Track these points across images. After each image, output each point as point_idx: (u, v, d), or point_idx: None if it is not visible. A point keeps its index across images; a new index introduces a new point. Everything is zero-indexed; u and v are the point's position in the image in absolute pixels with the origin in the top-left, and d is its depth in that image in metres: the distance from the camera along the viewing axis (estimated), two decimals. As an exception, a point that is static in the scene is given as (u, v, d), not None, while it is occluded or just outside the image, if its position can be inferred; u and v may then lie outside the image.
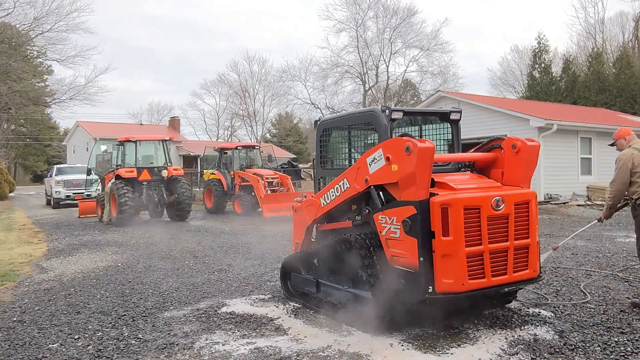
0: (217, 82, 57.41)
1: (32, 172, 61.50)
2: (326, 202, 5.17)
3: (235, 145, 18.82)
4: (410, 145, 4.09)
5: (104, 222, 14.71)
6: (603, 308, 5.19)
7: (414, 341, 4.35)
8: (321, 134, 5.66)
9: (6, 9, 28.58)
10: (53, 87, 38.30)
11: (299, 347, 4.31)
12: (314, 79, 46.84)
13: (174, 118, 48.46)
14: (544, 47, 34.94)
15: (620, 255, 8.04)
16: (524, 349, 4.11)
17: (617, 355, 3.96)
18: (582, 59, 37.30)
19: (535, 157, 4.64)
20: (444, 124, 5.37)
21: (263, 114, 54.38)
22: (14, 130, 48.14)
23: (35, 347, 4.54)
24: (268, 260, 8.40)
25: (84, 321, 5.27)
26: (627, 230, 11.08)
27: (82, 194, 20.82)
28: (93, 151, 18.09)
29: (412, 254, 4.15)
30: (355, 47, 42.13)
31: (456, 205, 4.06)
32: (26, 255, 9.56)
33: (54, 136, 59.54)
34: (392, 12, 41.04)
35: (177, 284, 6.82)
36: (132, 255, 9.34)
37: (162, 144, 15.67)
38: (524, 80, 41.50)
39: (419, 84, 44.37)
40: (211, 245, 10.32)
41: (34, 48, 33.57)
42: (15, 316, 5.54)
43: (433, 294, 4.11)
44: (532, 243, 4.43)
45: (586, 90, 30.86)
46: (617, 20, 41.44)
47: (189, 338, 4.65)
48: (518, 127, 16.64)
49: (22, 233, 13.21)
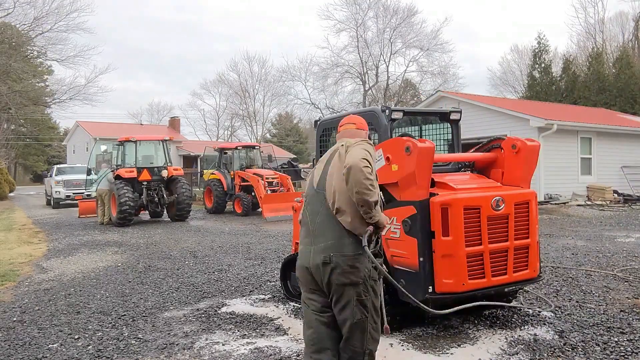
0: (217, 82, 57.48)
1: (32, 172, 61.52)
2: (326, 202, 5.16)
3: (235, 145, 18.83)
4: (410, 145, 4.09)
5: (104, 223, 14.69)
6: (603, 308, 5.18)
7: (414, 341, 4.35)
8: (321, 134, 5.66)
9: (6, 9, 28.62)
10: (53, 87, 38.36)
11: (299, 347, 4.31)
12: (314, 79, 46.95)
13: (174, 118, 48.50)
14: (544, 47, 34.93)
15: (620, 255, 8.03)
16: (524, 349, 4.11)
17: (617, 355, 3.96)
18: (582, 59, 37.29)
19: (535, 157, 4.64)
20: (444, 124, 5.38)
21: (263, 114, 54.43)
22: (14, 130, 48.14)
23: (35, 347, 4.54)
24: (268, 260, 8.40)
25: (84, 321, 5.27)
26: (627, 230, 11.08)
27: (82, 194, 20.82)
28: (93, 151, 18.12)
29: (412, 254, 4.15)
30: (355, 47, 42.16)
31: (456, 205, 4.06)
32: (26, 255, 9.56)
33: (54, 136, 59.54)
34: (392, 12, 41.09)
35: (177, 284, 6.82)
36: (132, 255, 9.34)
37: (162, 144, 15.68)
38: (524, 80, 41.50)
39: (419, 84, 44.41)
40: (211, 245, 10.32)
41: (34, 48, 33.59)
42: (15, 316, 5.54)
43: (433, 294, 4.11)
44: (532, 243, 4.43)
45: (586, 90, 30.85)
46: (617, 20, 41.52)
47: (189, 338, 4.65)
48: (518, 127, 16.64)
49: (22, 233, 13.21)
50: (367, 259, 2.82)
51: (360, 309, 2.84)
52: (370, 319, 2.89)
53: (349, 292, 2.83)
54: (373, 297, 2.90)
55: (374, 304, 2.91)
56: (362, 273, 2.82)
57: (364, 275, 2.83)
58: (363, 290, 2.84)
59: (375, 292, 2.91)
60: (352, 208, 2.84)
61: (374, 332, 2.91)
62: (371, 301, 2.89)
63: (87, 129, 39.98)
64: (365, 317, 2.86)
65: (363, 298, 2.84)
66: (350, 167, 2.74)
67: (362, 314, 2.85)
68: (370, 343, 2.90)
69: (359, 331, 2.86)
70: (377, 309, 2.92)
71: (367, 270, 2.84)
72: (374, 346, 2.93)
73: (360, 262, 2.83)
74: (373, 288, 2.90)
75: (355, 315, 2.84)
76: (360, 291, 2.83)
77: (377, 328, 2.93)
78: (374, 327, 2.91)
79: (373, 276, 2.89)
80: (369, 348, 2.90)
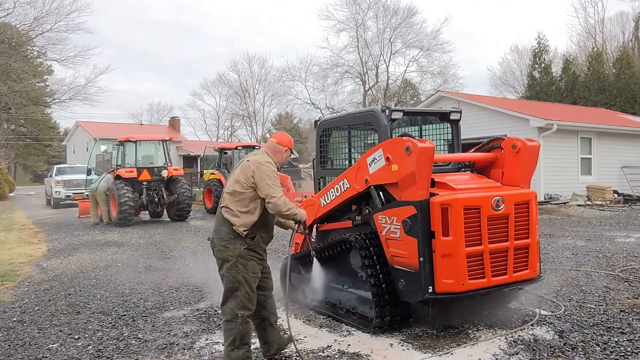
0: (217, 82, 57.35)
1: (32, 172, 61.50)
2: (326, 202, 5.17)
3: (235, 145, 18.84)
4: (410, 145, 4.09)
5: (104, 222, 14.70)
6: (603, 308, 5.18)
7: (414, 341, 4.35)
8: (321, 134, 5.66)
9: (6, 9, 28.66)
10: (53, 87, 38.40)
11: (299, 347, 4.31)
12: (314, 79, 46.73)
13: (174, 118, 48.49)
14: (543, 47, 34.93)
15: (620, 255, 8.03)
16: (523, 349, 4.11)
17: (617, 355, 3.96)
18: (582, 59, 37.30)
19: (535, 157, 4.64)
20: (444, 124, 5.37)
21: (263, 114, 54.38)
22: (14, 130, 48.12)
23: (35, 347, 4.54)
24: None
25: (84, 321, 5.27)
26: (627, 230, 11.08)
27: (82, 194, 20.82)
28: (93, 151, 18.10)
29: (412, 254, 4.15)
30: (355, 47, 42.14)
31: (456, 205, 4.06)
32: (26, 255, 9.56)
33: (54, 136, 59.49)
34: (392, 12, 41.06)
35: (177, 284, 6.82)
36: (132, 255, 9.34)
37: (162, 144, 15.68)
38: (524, 80, 41.50)
39: (419, 84, 44.37)
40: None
41: (34, 48, 33.64)
42: (15, 316, 5.54)
43: (433, 294, 4.11)
44: (532, 243, 4.43)
45: (586, 90, 30.85)
46: (617, 20, 41.49)
47: (189, 338, 4.65)
48: (518, 127, 16.63)
49: (22, 233, 13.21)
50: (238, 243, 3.70)
51: (230, 280, 3.70)
52: (243, 289, 3.67)
53: (223, 265, 3.74)
54: (244, 272, 3.68)
55: (246, 278, 3.68)
56: (231, 252, 3.69)
57: (234, 254, 3.69)
58: (233, 265, 3.68)
59: (247, 269, 3.70)
60: (233, 207, 3.75)
61: (246, 302, 3.68)
62: (242, 275, 3.68)
63: (87, 129, 39.98)
64: (236, 287, 3.67)
65: (233, 271, 3.68)
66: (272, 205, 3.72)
67: (232, 283, 3.69)
68: (242, 309, 3.66)
69: (232, 297, 3.69)
70: (249, 283, 3.68)
71: (237, 251, 3.69)
72: (245, 312, 3.67)
73: (231, 244, 3.71)
74: (245, 265, 3.69)
75: (227, 283, 3.73)
76: (231, 265, 3.68)
77: (250, 299, 3.70)
78: (247, 298, 3.69)
79: (244, 256, 3.71)
80: (240, 312, 3.66)
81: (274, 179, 3.76)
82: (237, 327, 3.65)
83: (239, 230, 3.72)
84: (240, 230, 3.72)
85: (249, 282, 3.70)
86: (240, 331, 3.66)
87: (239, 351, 3.67)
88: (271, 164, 3.85)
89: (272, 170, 3.80)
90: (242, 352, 3.68)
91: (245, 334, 3.68)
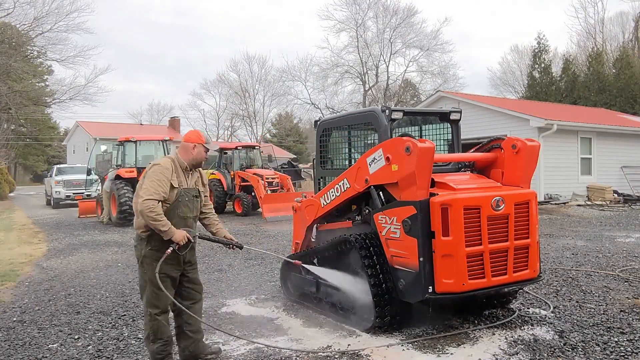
0: (217, 82, 57.44)
1: (32, 172, 61.44)
2: (326, 202, 5.17)
3: (235, 145, 18.81)
4: (410, 145, 4.09)
5: (104, 222, 14.70)
6: (603, 308, 5.18)
7: (414, 341, 4.34)
8: (321, 134, 5.66)
9: (6, 9, 28.65)
10: (53, 87, 38.38)
11: (299, 347, 4.31)
12: (314, 79, 46.79)
13: (174, 118, 48.48)
14: (543, 47, 34.97)
15: (620, 255, 8.03)
16: (523, 349, 4.11)
17: (617, 355, 3.96)
18: (582, 59, 37.31)
19: (535, 157, 4.64)
20: (444, 124, 5.37)
21: (263, 114, 54.43)
22: (14, 130, 48.07)
23: (35, 347, 4.54)
24: (268, 260, 8.39)
25: (84, 321, 5.27)
26: (627, 230, 11.08)
27: (82, 194, 20.81)
28: (93, 151, 18.08)
29: (412, 254, 4.15)
30: (355, 47, 42.21)
31: (456, 205, 4.06)
32: (26, 255, 9.56)
33: (54, 136, 59.49)
34: (392, 12, 41.16)
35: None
36: (132, 255, 9.33)
37: (162, 144, 15.67)
38: (524, 80, 41.53)
39: (419, 84, 44.47)
40: (211, 245, 10.30)
41: (34, 48, 33.62)
42: (15, 316, 5.54)
43: (433, 294, 4.11)
44: (532, 243, 4.43)
45: (586, 90, 30.87)
46: (617, 20, 41.52)
47: (189, 338, 4.64)
48: (518, 127, 16.64)
49: (22, 233, 13.21)
50: (144, 244, 3.80)
51: (139, 278, 3.91)
52: (149, 289, 3.79)
53: (138, 264, 3.90)
54: (150, 273, 3.74)
55: (151, 278, 3.73)
56: (138, 253, 3.86)
57: (140, 255, 3.83)
58: (140, 265, 3.85)
59: (152, 269, 3.72)
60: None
61: (154, 300, 3.79)
62: (148, 275, 3.77)
63: (87, 129, 39.98)
64: (144, 286, 3.83)
65: (141, 270, 3.85)
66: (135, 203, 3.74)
67: (140, 281, 3.89)
68: (150, 306, 3.80)
69: (144, 295, 3.87)
70: (154, 282, 3.68)
71: (143, 251, 3.80)
72: (153, 310, 3.79)
73: (139, 244, 3.87)
74: (150, 265, 3.75)
75: (139, 281, 3.92)
76: (139, 265, 3.86)
77: (157, 298, 3.77)
78: (154, 297, 3.78)
79: (148, 257, 3.77)
80: (149, 310, 3.81)
81: (155, 180, 3.64)
82: (149, 323, 3.82)
83: (138, 232, 3.84)
84: (138, 232, 3.83)
85: (154, 282, 3.70)
86: (152, 327, 3.80)
87: (154, 345, 3.83)
88: (161, 165, 3.74)
89: (158, 171, 3.69)
90: (157, 347, 3.82)
91: (157, 329, 3.81)
